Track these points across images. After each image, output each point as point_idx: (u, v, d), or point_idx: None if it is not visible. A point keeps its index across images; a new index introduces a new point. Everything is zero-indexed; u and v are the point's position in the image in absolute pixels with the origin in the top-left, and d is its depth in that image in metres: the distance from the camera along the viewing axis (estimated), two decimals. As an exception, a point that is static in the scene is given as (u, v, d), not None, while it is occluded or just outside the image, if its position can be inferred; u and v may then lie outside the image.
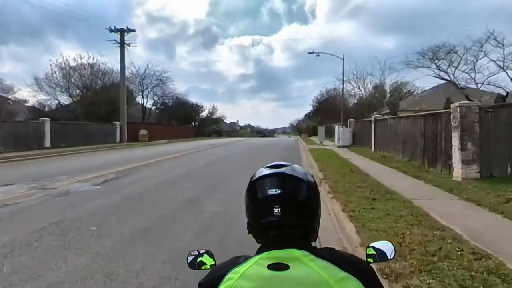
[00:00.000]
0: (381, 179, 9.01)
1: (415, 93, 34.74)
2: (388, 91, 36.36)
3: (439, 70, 16.46)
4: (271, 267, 0.87)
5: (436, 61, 16.47)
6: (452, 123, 8.40)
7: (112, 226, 5.26)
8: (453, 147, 8.39)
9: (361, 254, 1.36)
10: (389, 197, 6.82)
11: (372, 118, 17.81)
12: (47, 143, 22.63)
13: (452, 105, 8.52)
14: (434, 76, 16.41)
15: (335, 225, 5.39)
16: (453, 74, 16.06)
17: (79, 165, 13.53)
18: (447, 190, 7.47)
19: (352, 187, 8.01)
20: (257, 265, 0.89)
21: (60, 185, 8.81)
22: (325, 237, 4.47)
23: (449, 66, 16.05)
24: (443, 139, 9.47)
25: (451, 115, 8.45)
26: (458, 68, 15.69)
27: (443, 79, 16.63)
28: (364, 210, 5.76)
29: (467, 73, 15.80)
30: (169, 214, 5.98)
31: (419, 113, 11.72)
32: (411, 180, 9.08)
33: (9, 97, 37.90)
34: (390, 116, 15.96)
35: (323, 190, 8.39)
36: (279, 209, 0.95)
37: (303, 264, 0.87)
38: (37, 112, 33.22)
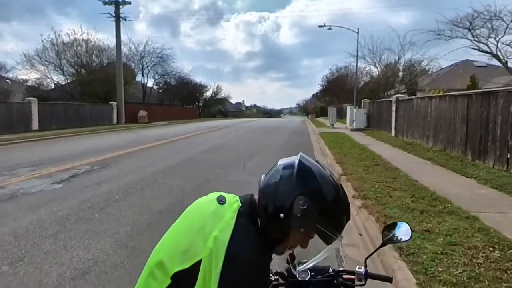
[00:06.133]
0: (417, 176, 7.08)
1: (430, 71, 31.72)
2: (401, 69, 33.40)
3: (478, 41, 14.09)
4: (218, 198, 1.10)
5: (472, 30, 14.10)
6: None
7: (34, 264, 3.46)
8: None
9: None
10: (441, 208, 4.91)
11: (393, 98, 15.62)
12: (35, 125, 20.92)
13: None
14: (473, 48, 14.11)
15: (376, 265, 3.49)
16: (496, 46, 13.67)
17: (57, 152, 11.77)
18: (518, 196, 5.52)
19: (383, 189, 6.10)
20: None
21: (13, 182, 7.04)
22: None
23: (488, 36, 13.69)
24: (499, 125, 7.41)
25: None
26: (500, 40, 13.34)
27: (483, 51, 14.28)
28: (416, 234, 3.87)
29: (508, 45, 13.45)
30: (131, 237, 4.16)
31: (461, 92, 9.57)
32: (457, 178, 7.12)
33: (10, 76, 36.06)
34: (417, 96, 13.77)
35: (346, 192, 6.51)
36: None
37: (229, 200, 1.09)
38: (36, 92, 31.36)
